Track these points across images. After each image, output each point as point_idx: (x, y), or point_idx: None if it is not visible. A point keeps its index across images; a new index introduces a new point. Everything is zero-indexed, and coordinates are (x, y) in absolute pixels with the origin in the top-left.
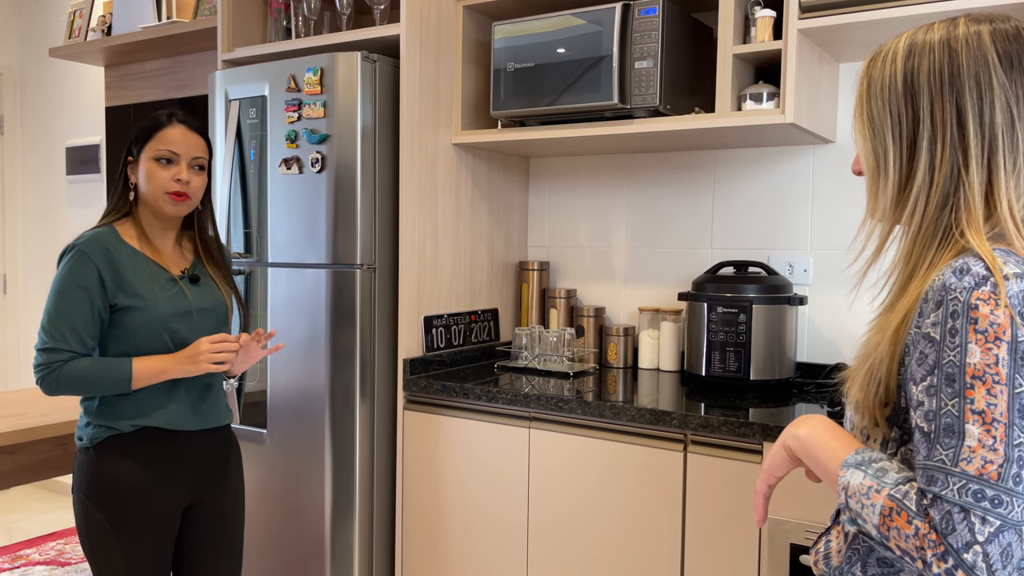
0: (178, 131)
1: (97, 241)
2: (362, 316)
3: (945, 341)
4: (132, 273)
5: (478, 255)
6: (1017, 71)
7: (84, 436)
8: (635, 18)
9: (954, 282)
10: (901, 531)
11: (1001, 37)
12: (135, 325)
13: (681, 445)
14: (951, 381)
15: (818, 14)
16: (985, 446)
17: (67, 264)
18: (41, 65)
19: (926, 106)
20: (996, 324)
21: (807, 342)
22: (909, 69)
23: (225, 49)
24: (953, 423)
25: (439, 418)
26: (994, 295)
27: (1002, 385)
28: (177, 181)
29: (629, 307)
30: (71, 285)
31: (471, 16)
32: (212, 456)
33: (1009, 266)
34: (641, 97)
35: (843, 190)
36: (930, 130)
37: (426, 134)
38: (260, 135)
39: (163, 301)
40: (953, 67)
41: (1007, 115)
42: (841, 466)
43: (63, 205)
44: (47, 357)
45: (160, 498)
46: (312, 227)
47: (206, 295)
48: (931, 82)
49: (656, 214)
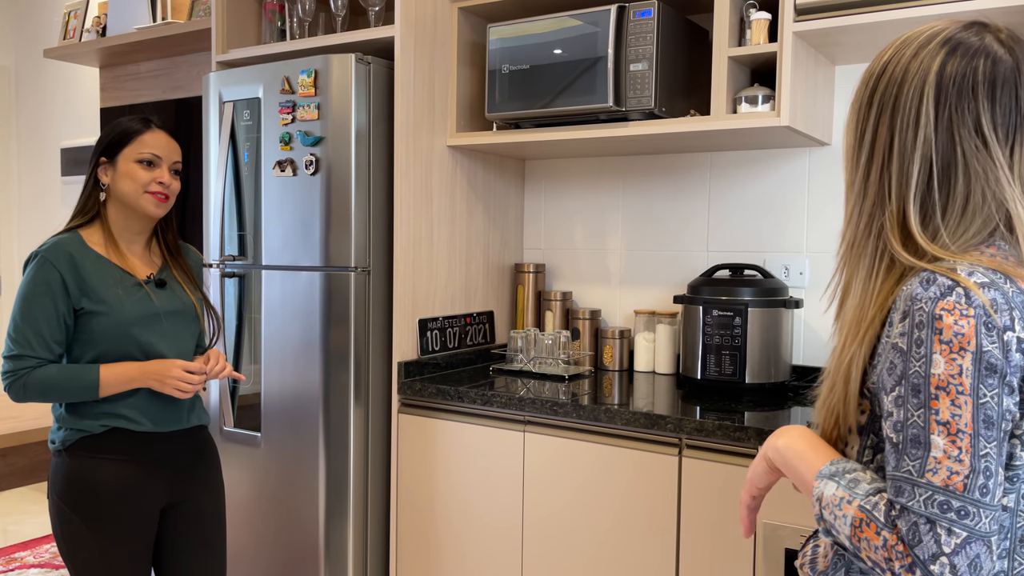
0: (159, 136)
1: (60, 247)
2: (356, 319)
3: (911, 351)
4: (96, 278)
5: (473, 257)
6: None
7: (56, 440)
8: (630, 20)
9: (920, 292)
10: (871, 542)
11: (956, 59)
12: (101, 330)
13: (676, 449)
14: (917, 392)
15: (813, 17)
16: (951, 457)
17: (31, 271)
18: (36, 66)
19: (872, 122)
20: (960, 335)
21: (803, 345)
22: (877, 77)
23: (220, 50)
24: (919, 434)
25: (434, 421)
26: (959, 305)
27: (966, 396)
28: (160, 184)
29: (625, 309)
30: (35, 292)
31: (466, 18)
32: (186, 456)
33: (976, 276)
34: (636, 100)
35: (839, 193)
36: (869, 148)
37: (421, 136)
38: (254, 137)
39: (128, 305)
40: (899, 90)
41: (927, 150)
42: (816, 477)
43: (58, 206)
44: (14, 364)
45: (134, 497)
46: (306, 230)
47: (172, 298)
48: (883, 100)
49: (652, 216)
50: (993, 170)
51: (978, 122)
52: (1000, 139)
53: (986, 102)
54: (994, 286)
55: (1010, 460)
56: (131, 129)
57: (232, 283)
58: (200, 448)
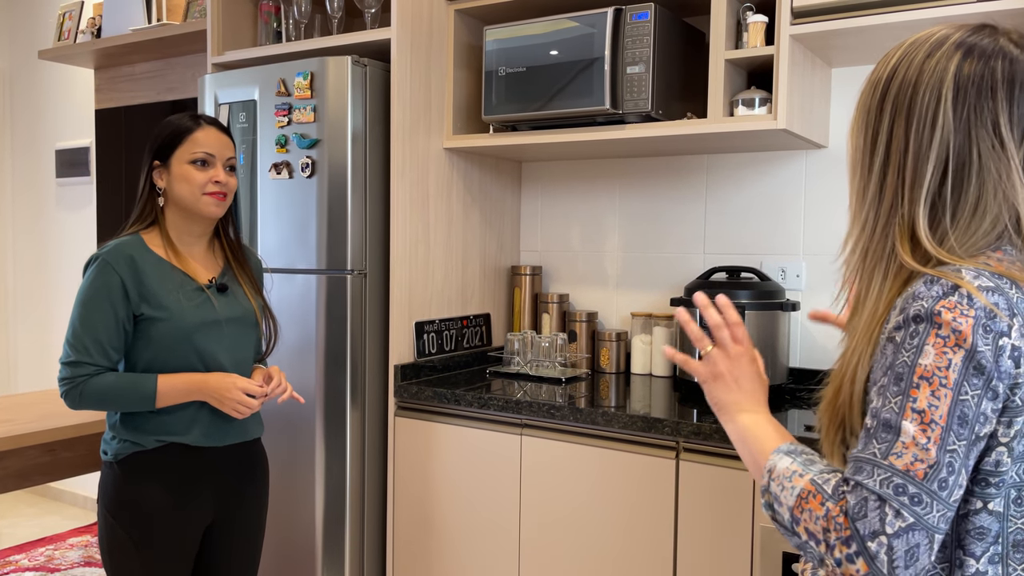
0: (210, 133)
1: (121, 250)
2: (353, 322)
3: (904, 343)
4: (157, 282)
5: (470, 260)
6: (970, 105)
7: (108, 451)
8: (627, 23)
9: (923, 291)
10: (812, 512)
11: (973, 61)
12: (160, 336)
13: (673, 452)
14: (899, 380)
15: (810, 20)
16: (919, 444)
17: (91, 275)
18: (30, 67)
19: (886, 125)
20: (958, 331)
21: (800, 347)
22: (889, 76)
23: (215, 52)
24: (891, 418)
25: (431, 424)
26: (960, 304)
27: (948, 389)
28: (216, 183)
29: (622, 312)
30: (94, 296)
31: (463, 20)
32: (238, 472)
33: (981, 280)
34: (633, 102)
35: (836, 195)
36: (884, 151)
37: (417, 139)
38: (250, 139)
39: (189, 311)
40: (916, 88)
41: (942, 150)
42: (774, 451)
43: (53, 208)
44: (71, 371)
45: (184, 518)
46: (303, 232)
47: (234, 304)
48: (896, 102)
49: (649, 218)
50: (1008, 170)
51: (996, 122)
52: (1016, 139)
53: (1004, 102)
54: (998, 291)
55: (996, 467)
56: (181, 127)
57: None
58: (253, 462)
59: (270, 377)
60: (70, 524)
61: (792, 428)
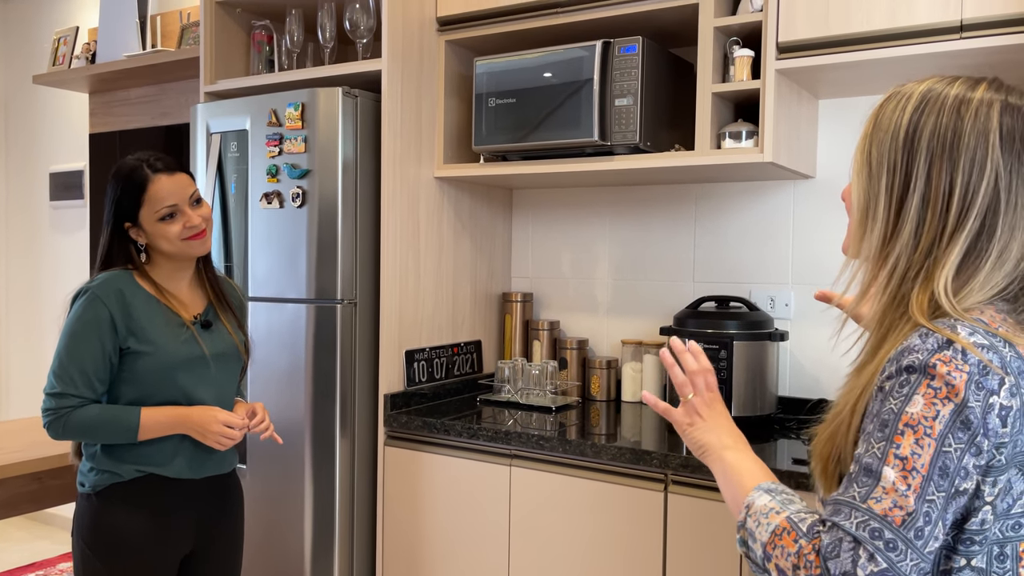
0: (163, 182)
1: (111, 284)
2: (343, 351)
3: (893, 392)
4: (145, 317)
5: (461, 287)
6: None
7: (86, 482)
8: (615, 56)
9: (918, 343)
10: (785, 549)
11: (1011, 113)
12: (145, 370)
13: (662, 485)
14: (884, 426)
15: (795, 55)
16: (898, 491)
17: (80, 307)
18: (25, 91)
19: (923, 165)
20: (951, 385)
21: (789, 376)
22: (915, 122)
23: (208, 81)
24: (873, 463)
25: (420, 454)
26: (955, 359)
27: (932, 439)
28: (191, 227)
29: (612, 339)
30: (82, 329)
31: (453, 51)
32: (215, 503)
33: (976, 337)
34: (621, 134)
35: (824, 225)
36: (922, 191)
37: (408, 168)
38: (241, 169)
39: (175, 347)
40: (957, 134)
41: (989, 197)
42: (755, 488)
43: (46, 231)
44: (56, 402)
45: (161, 548)
46: (293, 262)
47: (218, 340)
48: (932, 143)
49: (638, 246)
50: None
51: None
52: None
53: None
54: (992, 348)
55: (981, 526)
56: (134, 185)
57: None
58: (229, 493)
59: (254, 412)
60: (61, 549)
61: (781, 459)
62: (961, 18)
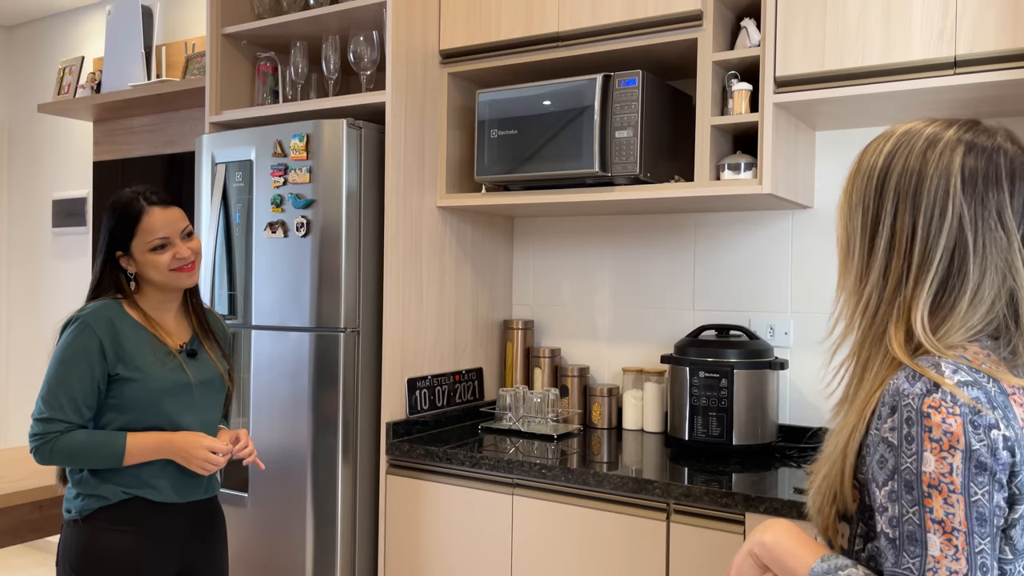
0: (157, 214)
1: (101, 312)
2: (345, 379)
3: (902, 447)
4: (134, 345)
5: (463, 315)
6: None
7: (72, 508)
8: (616, 89)
9: (907, 388)
10: None
11: (975, 154)
12: (132, 396)
13: (664, 514)
14: (910, 488)
15: (793, 89)
16: (948, 556)
17: (70, 335)
18: (29, 119)
19: (890, 208)
20: (949, 433)
21: (789, 405)
22: (886, 166)
23: (213, 111)
24: (915, 531)
25: (422, 483)
26: (944, 403)
27: (958, 494)
28: (179, 258)
29: (613, 366)
30: (72, 356)
31: (456, 83)
32: (199, 528)
33: (960, 374)
34: (622, 165)
35: (822, 254)
36: (888, 233)
37: (411, 198)
38: (246, 199)
39: (161, 374)
40: (921, 176)
41: (953, 239)
42: (809, 573)
43: (48, 257)
44: (43, 427)
45: (147, 572)
46: (296, 290)
47: (203, 368)
48: (899, 185)
49: (638, 274)
50: (1012, 256)
51: (1001, 211)
52: (1017, 227)
53: (1007, 193)
54: (977, 384)
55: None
56: (129, 217)
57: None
58: (212, 518)
59: (237, 439)
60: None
61: (782, 488)
62: (955, 54)
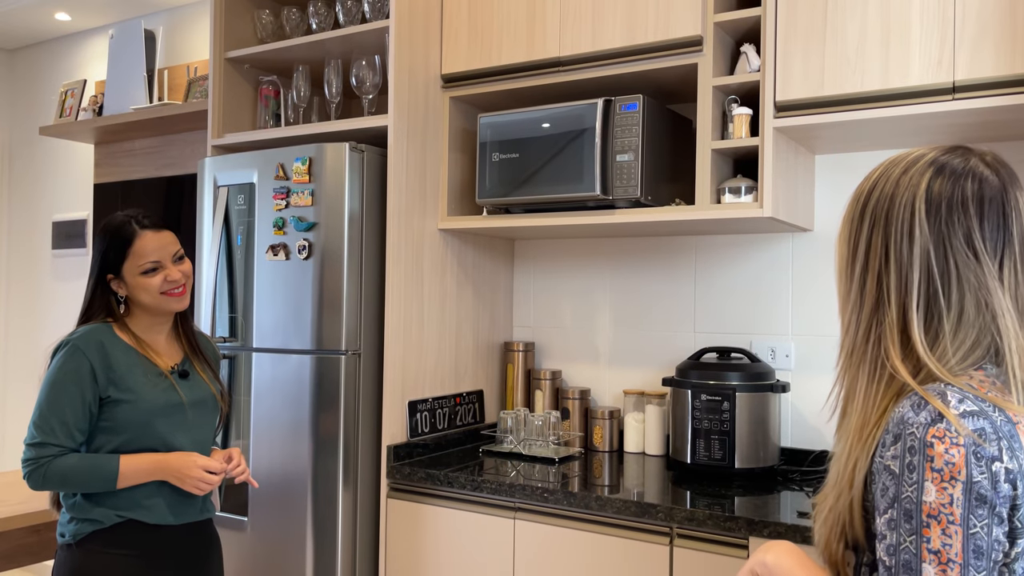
0: (149, 238)
1: (92, 336)
2: (346, 402)
3: (904, 476)
4: (125, 367)
5: (463, 337)
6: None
7: (67, 532)
8: (616, 113)
9: (911, 416)
10: None
11: (942, 177)
12: (125, 418)
13: (667, 539)
14: (909, 517)
15: (793, 114)
16: None
17: (61, 359)
18: (30, 141)
19: (865, 234)
20: (951, 464)
21: (791, 428)
22: (869, 191)
23: (215, 134)
24: (911, 560)
25: (423, 507)
26: (948, 433)
27: (957, 526)
28: (171, 281)
29: (614, 389)
30: (63, 379)
31: (458, 107)
32: (194, 551)
33: (966, 404)
34: (623, 188)
35: (823, 277)
36: (864, 258)
37: (413, 220)
38: (248, 221)
39: (153, 395)
40: (892, 202)
41: (924, 262)
42: None
43: (47, 279)
44: (36, 452)
45: None
46: (298, 313)
47: (195, 389)
48: (875, 213)
49: (639, 297)
50: (984, 280)
51: (969, 235)
52: (989, 252)
53: (975, 218)
54: (982, 414)
55: None
56: (121, 240)
57: (222, 365)
58: (207, 542)
59: (230, 458)
60: None
61: (784, 512)
62: (953, 80)
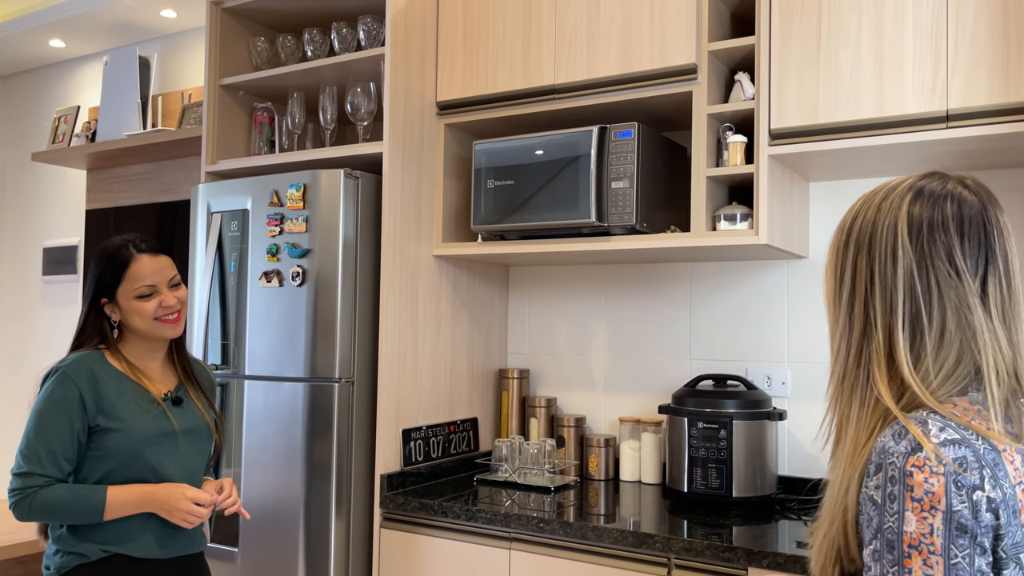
0: (146, 262)
1: (82, 363)
2: (339, 430)
3: (885, 506)
4: (115, 395)
5: (458, 364)
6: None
7: (52, 565)
8: (611, 140)
9: (892, 446)
10: None
11: (921, 201)
12: (114, 447)
13: (665, 569)
14: (891, 548)
15: (787, 141)
16: None
17: (50, 386)
18: (22, 167)
19: (851, 261)
20: (931, 493)
21: (788, 456)
22: (851, 222)
23: (209, 161)
24: None
25: (417, 537)
26: (929, 462)
27: (938, 556)
28: (165, 307)
29: (609, 416)
30: (51, 408)
31: (453, 134)
32: None
33: (947, 432)
34: (618, 215)
35: (818, 304)
36: (850, 284)
37: (407, 247)
38: (241, 247)
39: (144, 423)
40: (874, 227)
41: (908, 286)
42: None
43: (38, 305)
44: (22, 482)
45: None
46: (291, 340)
47: (188, 416)
48: (859, 240)
49: (634, 323)
50: (965, 297)
51: (950, 253)
52: (970, 270)
53: (956, 236)
54: (964, 443)
55: None
56: (117, 264)
57: None
58: (198, 574)
59: (222, 488)
60: None
61: (783, 542)
62: (947, 108)
